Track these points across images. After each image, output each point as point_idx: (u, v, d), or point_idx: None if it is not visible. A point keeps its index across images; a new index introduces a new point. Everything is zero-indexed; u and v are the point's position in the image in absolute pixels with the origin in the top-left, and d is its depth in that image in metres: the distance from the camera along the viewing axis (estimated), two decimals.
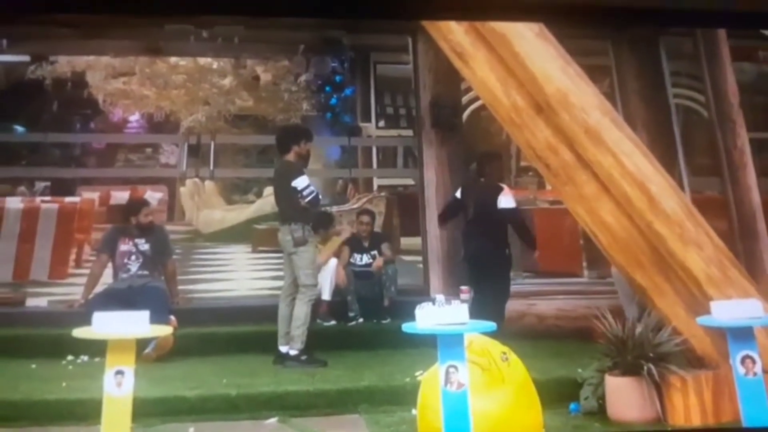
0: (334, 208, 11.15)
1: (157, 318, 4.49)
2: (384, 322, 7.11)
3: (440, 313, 4.19)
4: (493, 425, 4.31)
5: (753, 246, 6.10)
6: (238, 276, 10.16)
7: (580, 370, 5.57)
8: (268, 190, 12.78)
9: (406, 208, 11.11)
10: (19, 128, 13.46)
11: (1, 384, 5.55)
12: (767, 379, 4.45)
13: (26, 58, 12.13)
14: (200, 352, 6.40)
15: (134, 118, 15.39)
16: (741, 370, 4.48)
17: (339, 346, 6.62)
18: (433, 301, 4.39)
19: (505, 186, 6.44)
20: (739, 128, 6.35)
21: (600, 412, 5.16)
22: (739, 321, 4.52)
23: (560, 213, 7.54)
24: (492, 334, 4.52)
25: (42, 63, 12.57)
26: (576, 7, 2.61)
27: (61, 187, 13.49)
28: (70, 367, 6.10)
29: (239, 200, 15.80)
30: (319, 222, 7.24)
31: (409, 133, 11.84)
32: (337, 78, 11.06)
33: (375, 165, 13.81)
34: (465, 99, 9.29)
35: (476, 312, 5.94)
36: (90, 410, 4.46)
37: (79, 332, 4.12)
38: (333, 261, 7.28)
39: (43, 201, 10.76)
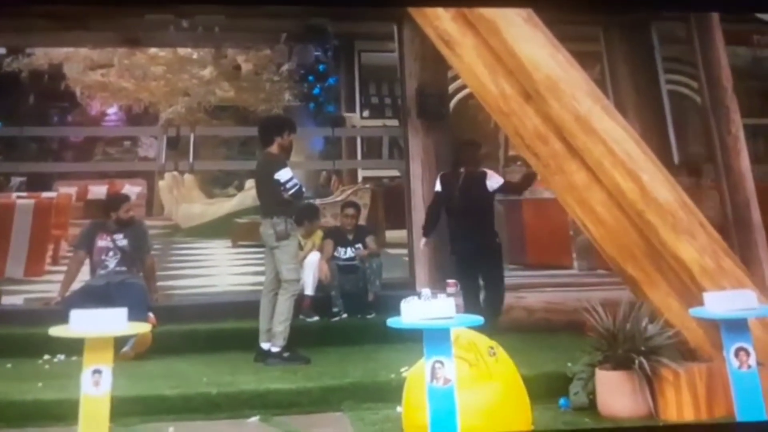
0: (318, 201, 11.02)
1: (135, 315, 4.41)
2: (368, 317, 7.02)
3: (426, 308, 4.10)
4: (480, 422, 4.22)
5: (747, 235, 6.05)
6: (219, 271, 10.07)
7: (569, 365, 5.51)
8: (250, 183, 12.64)
9: (392, 200, 10.99)
10: None
11: None
12: (762, 372, 4.38)
13: (2, 50, 11.95)
14: (180, 349, 6.28)
15: (112, 110, 15.27)
16: (735, 362, 4.43)
17: (322, 342, 6.53)
18: (419, 295, 4.30)
19: (486, 170, 6.35)
20: (733, 114, 6.29)
21: (590, 407, 5.09)
22: (733, 312, 4.46)
23: (549, 203, 7.46)
24: (479, 328, 4.42)
25: (18, 55, 12.38)
26: None
27: (38, 182, 13.33)
28: (47, 366, 5.99)
29: (219, 194, 15.64)
30: (304, 214, 7.12)
31: (395, 123, 11.71)
32: (321, 67, 10.94)
33: (359, 156, 13.72)
34: (452, 87, 9.22)
35: (473, 306, 5.92)
36: (67, 410, 4.36)
37: (56, 330, 4.02)
38: (315, 255, 7.15)
39: (19, 197, 10.62)
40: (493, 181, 6.26)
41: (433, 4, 5.25)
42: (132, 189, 14.34)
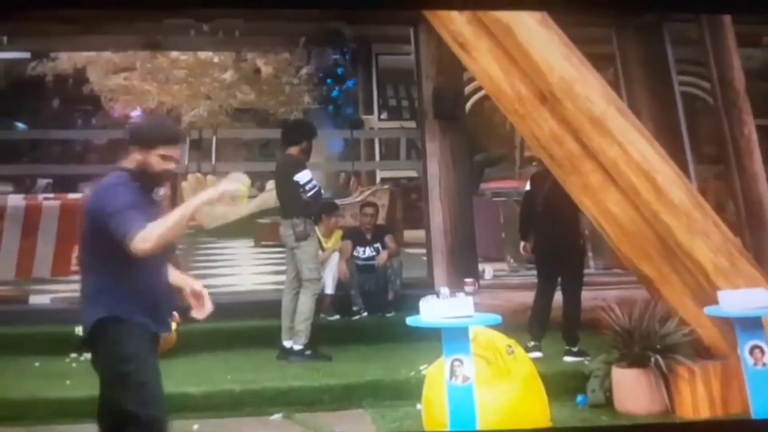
0: (337, 202, 11.10)
1: None
2: (388, 315, 7.08)
3: (445, 306, 4.16)
4: (499, 419, 4.28)
5: (760, 235, 6.05)
6: (242, 271, 10.15)
7: (586, 362, 5.54)
8: (271, 185, 12.72)
9: (410, 201, 11.06)
10: (21, 125, 13.41)
11: (5, 382, 5.54)
12: None
13: (27, 55, 12.12)
14: (204, 347, 6.38)
15: (135, 113, 15.37)
16: (749, 360, 4.48)
17: (343, 340, 6.60)
18: (438, 293, 4.36)
19: None
20: (745, 115, 6.29)
21: (607, 404, 5.14)
22: (748, 311, 4.50)
23: None
24: (497, 327, 4.48)
25: (43, 60, 12.55)
26: None
27: (64, 184, 13.45)
28: (74, 364, 6.07)
29: None
30: (322, 209, 7.17)
31: (412, 124, 11.79)
32: (339, 70, 11.01)
33: (378, 157, 13.77)
34: (468, 89, 9.24)
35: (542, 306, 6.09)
36: (94, 408, 4.29)
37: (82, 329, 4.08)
38: (335, 254, 7.24)
39: (45, 198, 10.72)
40: None
41: (448, 8, 5.28)
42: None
